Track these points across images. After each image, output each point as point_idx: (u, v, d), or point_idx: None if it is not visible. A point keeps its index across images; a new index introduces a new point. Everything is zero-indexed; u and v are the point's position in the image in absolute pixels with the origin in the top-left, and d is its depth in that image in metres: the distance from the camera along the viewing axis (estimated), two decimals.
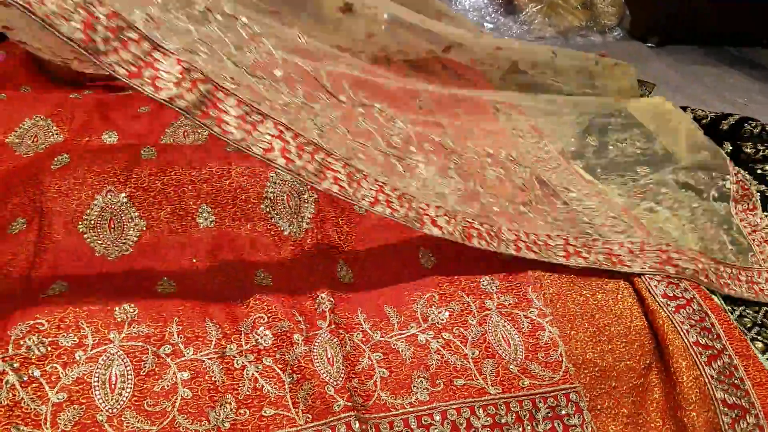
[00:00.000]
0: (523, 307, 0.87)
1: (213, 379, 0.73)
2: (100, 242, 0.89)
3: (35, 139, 1.06)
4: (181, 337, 0.76)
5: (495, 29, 2.43)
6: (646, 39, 2.52)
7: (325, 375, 0.75)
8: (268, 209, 0.97)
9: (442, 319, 0.84)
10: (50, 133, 1.08)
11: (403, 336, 0.82)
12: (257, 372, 0.75)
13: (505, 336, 0.84)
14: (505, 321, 0.85)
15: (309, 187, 0.99)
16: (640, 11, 2.56)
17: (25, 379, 0.67)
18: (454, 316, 0.85)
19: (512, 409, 0.77)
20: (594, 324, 0.87)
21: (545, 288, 0.89)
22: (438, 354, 0.80)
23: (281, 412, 0.73)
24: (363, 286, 0.90)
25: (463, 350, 0.81)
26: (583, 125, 1.39)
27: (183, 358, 0.74)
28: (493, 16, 2.49)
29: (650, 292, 0.90)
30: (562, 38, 2.49)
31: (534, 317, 0.85)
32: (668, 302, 0.88)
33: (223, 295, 0.84)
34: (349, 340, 0.81)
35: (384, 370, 0.79)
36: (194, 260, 0.90)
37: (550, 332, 0.84)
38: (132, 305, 0.77)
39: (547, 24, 2.49)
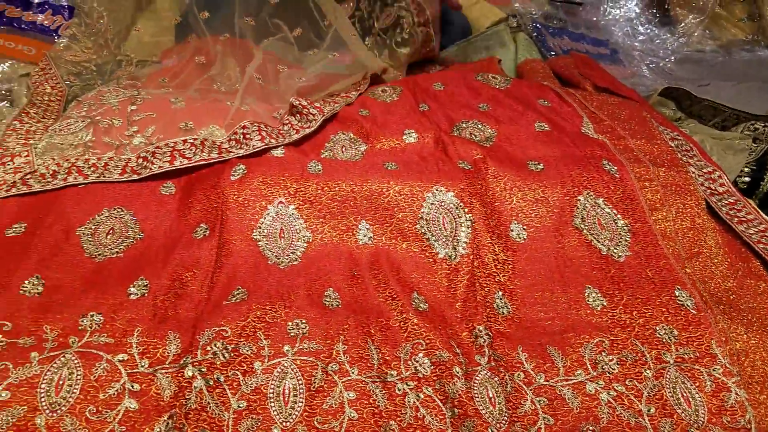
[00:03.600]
0: (706, 363, 0.79)
1: (377, 402, 0.74)
2: (271, 251, 0.93)
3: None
4: (346, 356, 0.77)
5: (648, 40, 2.28)
6: None
7: (487, 416, 0.73)
8: (423, 230, 0.97)
9: (614, 369, 0.79)
10: None
11: (569, 382, 0.78)
12: (418, 401, 0.75)
13: (684, 394, 0.77)
14: (684, 377, 0.78)
15: (466, 210, 0.98)
16: None
17: (211, 384, 0.71)
18: (627, 366, 0.80)
19: None
20: None
21: (731, 342, 0.82)
22: (609, 407, 0.75)
23: None
24: (523, 322, 0.87)
25: (637, 405, 0.76)
26: None
27: (349, 378, 0.75)
28: (646, 26, 2.34)
29: None
30: (724, 52, 2.28)
31: (718, 375, 0.78)
32: None
33: (383, 315, 0.85)
34: (510, 379, 0.79)
35: (549, 417, 0.75)
36: (355, 273, 0.91)
37: (737, 395, 0.76)
38: (303, 321, 0.80)
39: (707, 37, 2.30)
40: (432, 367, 0.78)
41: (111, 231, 0.94)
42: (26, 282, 0.82)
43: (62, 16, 1.69)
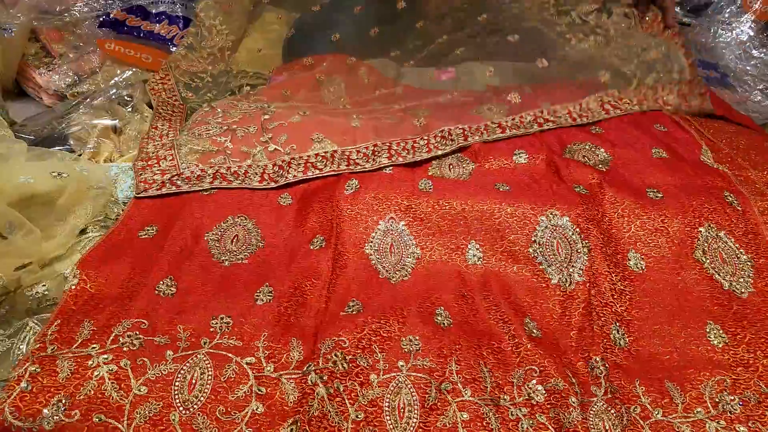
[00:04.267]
0: None
1: (490, 425, 0.74)
2: (382, 265, 0.95)
3: None
4: (459, 377, 0.78)
5: (763, 65, 2.16)
6: None
7: None
8: (536, 254, 0.96)
9: (736, 409, 0.76)
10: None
11: (688, 420, 0.76)
12: (532, 428, 0.74)
13: None
14: None
15: (583, 236, 0.97)
16: None
17: (331, 392, 0.74)
18: (750, 407, 0.76)
19: None
20: None
21: None
22: None
23: None
24: (640, 354, 0.85)
25: None
26: None
27: (462, 398, 0.76)
28: (760, 50, 2.22)
29: None
30: None
31: None
32: None
33: (495, 337, 0.85)
34: (626, 413, 0.77)
35: None
36: (465, 294, 0.92)
37: None
38: (416, 338, 0.81)
39: None
40: (546, 395, 0.77)
41: (236, 238, 0.99)
42: (161, 282, 0.88)
43: (177, 26, 1.80)
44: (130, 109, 1.37)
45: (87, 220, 0.96)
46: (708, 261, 0.94)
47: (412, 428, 0.72)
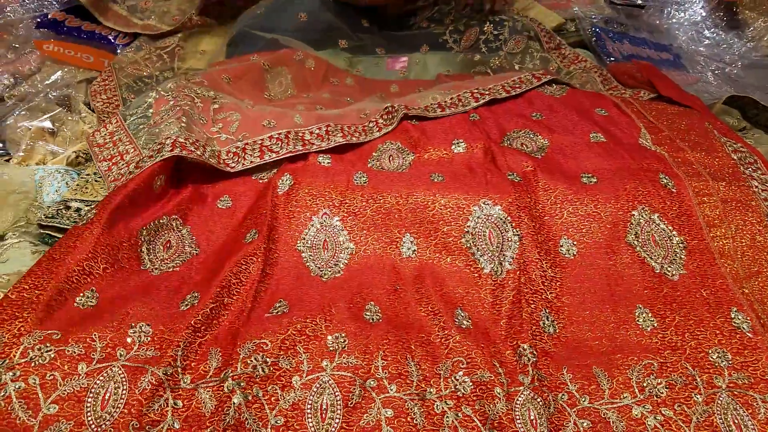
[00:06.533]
0: (761, 389, 0.75)
1: (414, 420, 0.73)
2: (314, 262, 0.93)
3: None
4: (385, 372, 0.77)
5: (714, 45, 2.18)
6: None
7: None
8: (469, 244, 0.95)
9: (662, 393, 0.76)
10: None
11: (614, 405, 0.75)
12: (457, 420, 0.74)
13: (736, 421, 0.73)
14: (737, 403, 0.74)
15: (514, 224, 0.96)
16: None
17: (249, 399, 0.72)
18: (676, 390, 0.76)
19: None
20: None
21: None
22: None
23: None
24: (569, 341, 0.85)
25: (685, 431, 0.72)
26: None
27: (387, 395, 0.75)
28: (712, 30, 2.23)
29: None
30: None
31: None
32: None
33: (424, 330, 0.84)
34: (553, 401, 0.77)
35: None
36: (397, 287, 0.91)
37: None
38: (343, 335, 0.80)
39: None
40: (472, 387, 0.76)
41: (168, 245, 0.96)
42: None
43: None
44: (65, 110, 1.34)
45: (6, 227, 0.92)
46: (640, 244, 0.94)
47: (334, 429, 0.71)
